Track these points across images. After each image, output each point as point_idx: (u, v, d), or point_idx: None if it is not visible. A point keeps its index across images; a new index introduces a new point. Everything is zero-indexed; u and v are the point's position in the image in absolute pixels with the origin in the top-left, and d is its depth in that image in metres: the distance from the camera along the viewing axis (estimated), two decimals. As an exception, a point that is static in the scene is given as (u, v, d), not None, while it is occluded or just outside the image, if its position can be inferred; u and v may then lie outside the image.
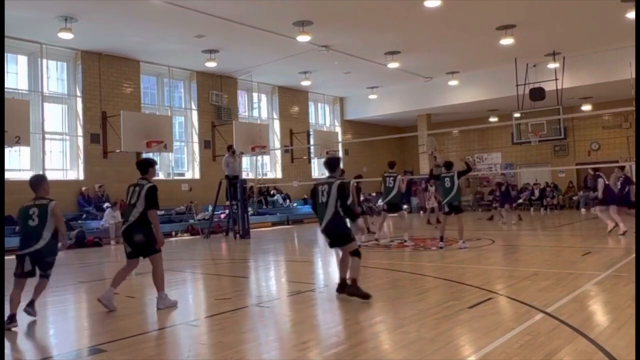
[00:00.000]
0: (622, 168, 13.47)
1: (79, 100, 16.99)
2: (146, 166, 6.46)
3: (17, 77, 16.03)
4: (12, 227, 14.11)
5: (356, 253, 6.49)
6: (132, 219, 6.19)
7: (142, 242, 6.20)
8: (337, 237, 6.54)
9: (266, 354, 4.57)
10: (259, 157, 20.09)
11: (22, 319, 5.67)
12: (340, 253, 6.82)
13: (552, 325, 4.89)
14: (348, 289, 6.39)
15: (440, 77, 21.95)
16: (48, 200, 5.88)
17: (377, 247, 12.16)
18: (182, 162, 20.17)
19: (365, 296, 6.22)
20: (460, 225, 11.22)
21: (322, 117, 26.16)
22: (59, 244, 5.90)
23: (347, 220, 6.50)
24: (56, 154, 16.82)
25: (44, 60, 16.22)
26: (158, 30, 15.17)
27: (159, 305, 6.26)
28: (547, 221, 17.76)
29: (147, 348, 4.81)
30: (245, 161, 20.33)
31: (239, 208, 15.91)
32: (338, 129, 26.26)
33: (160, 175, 19.05)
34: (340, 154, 24.43)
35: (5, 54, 15.00)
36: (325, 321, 5.69)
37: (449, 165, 11.51)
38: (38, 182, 6.03)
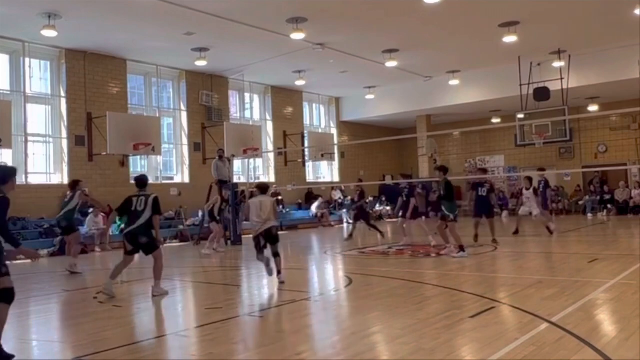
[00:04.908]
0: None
1: (63, 101, 16.59)
2: (146, 181, 8.03)
3: (-2, 76, 15.59)
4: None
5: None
6: (140, 223, 7.52)
7: (145, 242, 7.56)
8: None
9: (259, 364, 4.50)
10: (251, 160, 19.71)
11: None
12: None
13: (558, 335, 4.83)
14: None
15: (441, 77, 21.57)
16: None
17: (374, 253, 12.04)
18: (170, 166, 19.73)
19: None
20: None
21: (317, 118, 25.72)
22: None
23: None
24: (39, 156, 16.44)
25: (27, 59, 15.83)
26: (146, 27, 14.83)
27: (154, 293, 7.53)
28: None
29: None
30: (237, 164, 19.96)
31: (230, 213, 15.51)
32: (334, 131, 25.84)
33: (149, 179, 18.57)
34: (336, 157, 24.15)
35: (-15, 52, 14.63)
36: (321, 331, 5.66)
37: (445, 169, 11.31)
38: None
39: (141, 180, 8.05)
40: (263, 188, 9.09)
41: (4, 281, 4.77)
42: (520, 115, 19.37)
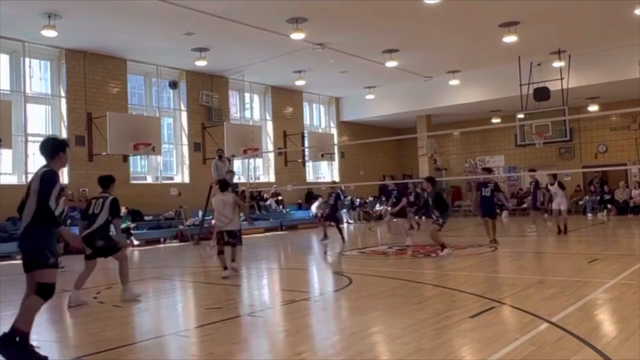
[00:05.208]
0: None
1: (63, 101, 16.57)
2: (108, 182, 7.51)
3: (-2, 76, 15.53)
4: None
5: None
6: (95, 227, 7.14)
7: (102, 246, 7.18)
8: None
9: (259, 364, 4.48)
10: (251, 160, 19.65)
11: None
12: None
13: (558, 335, 4.81)
14: None
15: (441, 77, 21.50)
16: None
17: (374, 253, 11.98)
18: (170, 165, 19.69)
19: None
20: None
21: (317, 118, 25.67)
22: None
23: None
24: (39, 156, 16.08)
25: (27, 59, 15.80)
26: (146, 27, 14.78)
27: (124, 297, 7.17)
28: (552, 227, 17.29)
29: None
30: (237, 164, 19.92)
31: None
32: (334, 131, 25.79)
33: (149, 179, 18.69)
34: (336, 157, 24.10)
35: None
36: (321, 331, 5.62)
37: (433, 180, 11.49)
38: None
39: (102, 181, 7.57)
40: (223, 185, 9.50)
41: (49, 275, 4.51)
42: (520, 115, 19.29)
